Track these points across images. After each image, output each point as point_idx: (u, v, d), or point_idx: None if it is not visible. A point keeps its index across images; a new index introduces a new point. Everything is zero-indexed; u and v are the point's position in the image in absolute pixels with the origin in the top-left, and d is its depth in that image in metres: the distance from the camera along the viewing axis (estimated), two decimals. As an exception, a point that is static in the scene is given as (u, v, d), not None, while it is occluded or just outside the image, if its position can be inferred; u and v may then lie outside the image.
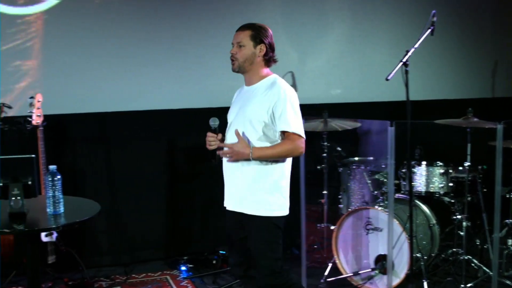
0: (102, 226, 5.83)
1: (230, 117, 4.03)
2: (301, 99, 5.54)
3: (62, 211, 3.55)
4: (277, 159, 3.81)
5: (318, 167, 5.72)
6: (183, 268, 5.74)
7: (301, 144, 3.79)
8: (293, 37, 6.37)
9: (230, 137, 3.91)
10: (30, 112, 4.98)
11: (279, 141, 3.82)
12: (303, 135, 3.81)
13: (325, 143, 5.68)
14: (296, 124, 3.79)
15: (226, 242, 4.35)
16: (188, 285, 5.43)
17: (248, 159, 3.76)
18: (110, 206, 5.80)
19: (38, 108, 4.96)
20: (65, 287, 5.29)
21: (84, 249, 5.56)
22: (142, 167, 5.93)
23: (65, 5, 5.61)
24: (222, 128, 4.01)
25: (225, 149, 3.84)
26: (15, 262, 5.12)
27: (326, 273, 5.41)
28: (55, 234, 5.00)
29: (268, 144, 3.81)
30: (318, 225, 5.88)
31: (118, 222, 5.89)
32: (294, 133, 3.77)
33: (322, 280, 5.36)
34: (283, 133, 3.80)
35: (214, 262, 5.79)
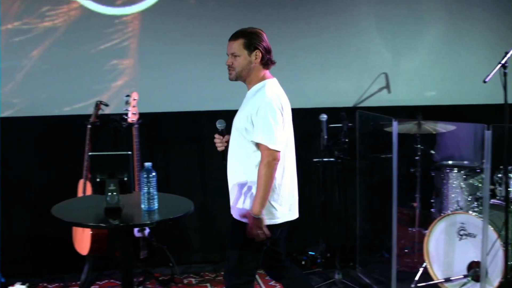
0: (193, 223, 5.91)
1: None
2: (394, 101, 5.48)
3: (156, 207, 3.60)
4: (269, 186, 3.66)
5: (411, 170, 5.61)
6: (272, 267, 5.75)
7: (271, 157, 3.64)
8: (387, 37, 6.27)
9: (229, 145, 3.93)
10: (126, 110, 5.09)
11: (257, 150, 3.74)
12: (274, 146, 3.65)
13: (419, 146, 5.57)
14: (267, 135, 3.67)
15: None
16: (276, 285, 5.42)
17: (240, 173, 3.80)
18: (202, 203, 5.88)
19: (133, 106, 5.07)
20: (155, 282, 5.40)
21: (175, 246, 5.62)
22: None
23: (161, 6, 5.73)
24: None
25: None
26: (109, 256, 5.25)
27: (416, 278, 5.29)
28: (147, 230, 5.10)
29: (251, 151, 3.74)
30: (410, 229, 5.76)
31: (209, 219, 5.95)
32: (261, 144, 3.68)
33: (412, 285, 5.24)
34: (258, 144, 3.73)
35: (303, 262, 5.78)
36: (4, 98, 5.62)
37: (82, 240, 5.20)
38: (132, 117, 5.04)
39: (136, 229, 5.00)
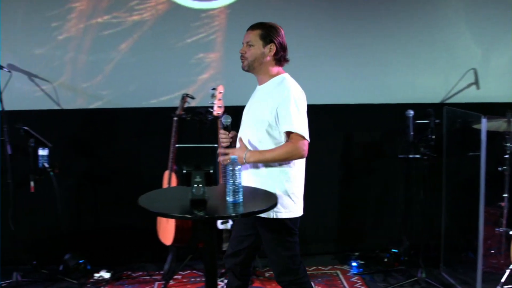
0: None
1: (243, 116, 4.03)
2: (483, 98, 5.31)
3: (241, 200, 3.61)
4: (277, 161, 3.77)
5: (500, 168, 5.44)
6: (353, 263, 5.71)
7: (303, 146, 3.72)
8: (477, 32, 6.10)
9: (244, 140, 3.92)
10: (212, 103, 5.12)
11: (284, 142, 3.77)
12: (307, 137, 3.74)
13: (508, 144, 5.39)
14: (299, 125, 3.72)
15: (232, 232, 4.33)
16: (358, 281, 5.38)
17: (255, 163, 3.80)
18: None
19: (219, 100, 5.09)
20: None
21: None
22: (319, 162, 5.90)
23: (247, 0, 5.74)
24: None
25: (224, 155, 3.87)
26: (192, 247, 5.32)
27: (502, 280, 5.12)
28: (230, 222, 5.13)
29: (273, 145, 3.78)
30: (497, 229, 5.59)
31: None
32: (297, 134, 3.71)
33: (498, 287, 5.10)
34: (287, 134, 3.75)
35: (385, 260, 5.71)
36: (93, 90, 5.78)
37: (166, 230, 5.28)
38: (217, 110, 5.07)
39: (219, 221, 5.04)
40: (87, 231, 5.92)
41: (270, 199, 3.75)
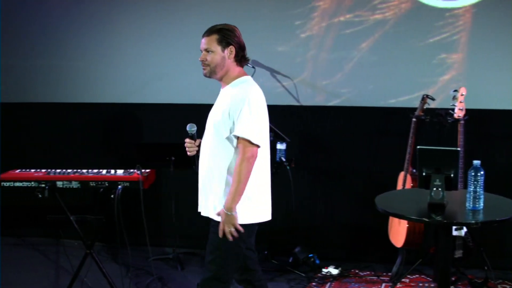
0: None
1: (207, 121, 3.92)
2: None
3: (482, 207, 3.48)
4: (245, 184, 3.63)
5: None
6: None
7: (249, 153, 3.60)
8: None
9: (203, 142, 3.86)
10: (453, 105, 4.99)
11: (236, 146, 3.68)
12: (256, 141, 3.62)
13: None
14: (249, 129, 3.61)
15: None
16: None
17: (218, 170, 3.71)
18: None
19: (461, 102, 4.94)
20: (467, 284, 5.23)
21: (491, 249, 5.35)
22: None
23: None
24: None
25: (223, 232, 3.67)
26: (422, 251, 5.20)
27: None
28: (464, 229, 4.95)
29: (226, 150, 3.70)
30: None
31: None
32: (244, 139, 3.61)
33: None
34: (237, 138, 3.66)
35: None
36: (333, 87, 5.86)
37: (398, 232, 5.22)
38: (458, 113, 4.92)
39: (453, 228, 4.89)
40: (319, 225, 6.03)
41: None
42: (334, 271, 5.59)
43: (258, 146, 3.64)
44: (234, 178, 3.65)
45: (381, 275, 5.57)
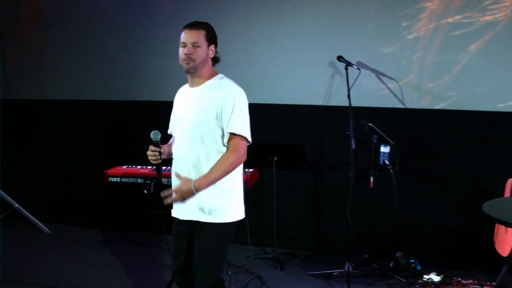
0: None
1: (174, 122, 3.88)
2: None
3: None
4: (224, 176, 3.67)
5: None
6: None
7: (243, 150, 3.69)
8: None
9: (177, 148, 3.82)
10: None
11: (225, 144, 3.70)
12: (249, 138, 3.72)
13: None
14: (242, 127, 3.69)
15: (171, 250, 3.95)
16: None
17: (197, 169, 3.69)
18: None
19: None
20: None
21: None
22: None
23: None
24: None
25: (173, 195, 3.66)
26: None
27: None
28: None
29: (216, 150, 3.70)
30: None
31: None
32: (240, 136, 3.67)
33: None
34: (230, 135, 3.68)
35: None
36: (439, 90, 5.75)
37: (504, 240, 5.07)
38: None
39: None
40: (421, 230, 5.93)
41: None
42: (435, 278, 5.49)
43: (249, 143, 3.76)
44: (219, 165, 3.68)
45: (485, 284, 5.42)
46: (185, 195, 3.65)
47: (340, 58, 5.60)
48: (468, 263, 5.78)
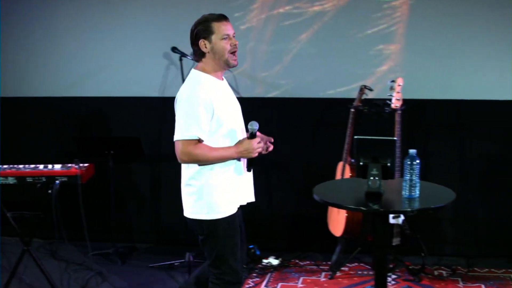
0: (449, 214, 5.71)
1: (233, 109, 3.79)
2: None
3: (418, 195, 3.54)
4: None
5: None
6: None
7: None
8: None
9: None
10: (390, 95, 5.05)
11: None
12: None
13: None
14: None
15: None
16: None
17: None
18: (459, 195, 5.65)
19: (398, 92, 5.01)
20: (405, 271, 5.33)
21: (427, 236, 5.48)
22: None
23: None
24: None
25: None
26: (360, 240, 5.27)
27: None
28: (402, 217, 5.02)
29: None
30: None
31: (466, 212, 5.71)
32: None
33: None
34: None
35: None
36: (272, 79, 5.87)
37: (337, 221, 5.28)
38: (395, 103, 4.99)
39: (391, 216, 4.96)
40: (258, 217, 6.02)
41: (448, 196, 3.66)
42: (274, 261, 5.61)
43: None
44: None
45: (321, 264, 5.62)
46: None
47: (174, 49, 5.57)
48: (305, 245, 5.96)
